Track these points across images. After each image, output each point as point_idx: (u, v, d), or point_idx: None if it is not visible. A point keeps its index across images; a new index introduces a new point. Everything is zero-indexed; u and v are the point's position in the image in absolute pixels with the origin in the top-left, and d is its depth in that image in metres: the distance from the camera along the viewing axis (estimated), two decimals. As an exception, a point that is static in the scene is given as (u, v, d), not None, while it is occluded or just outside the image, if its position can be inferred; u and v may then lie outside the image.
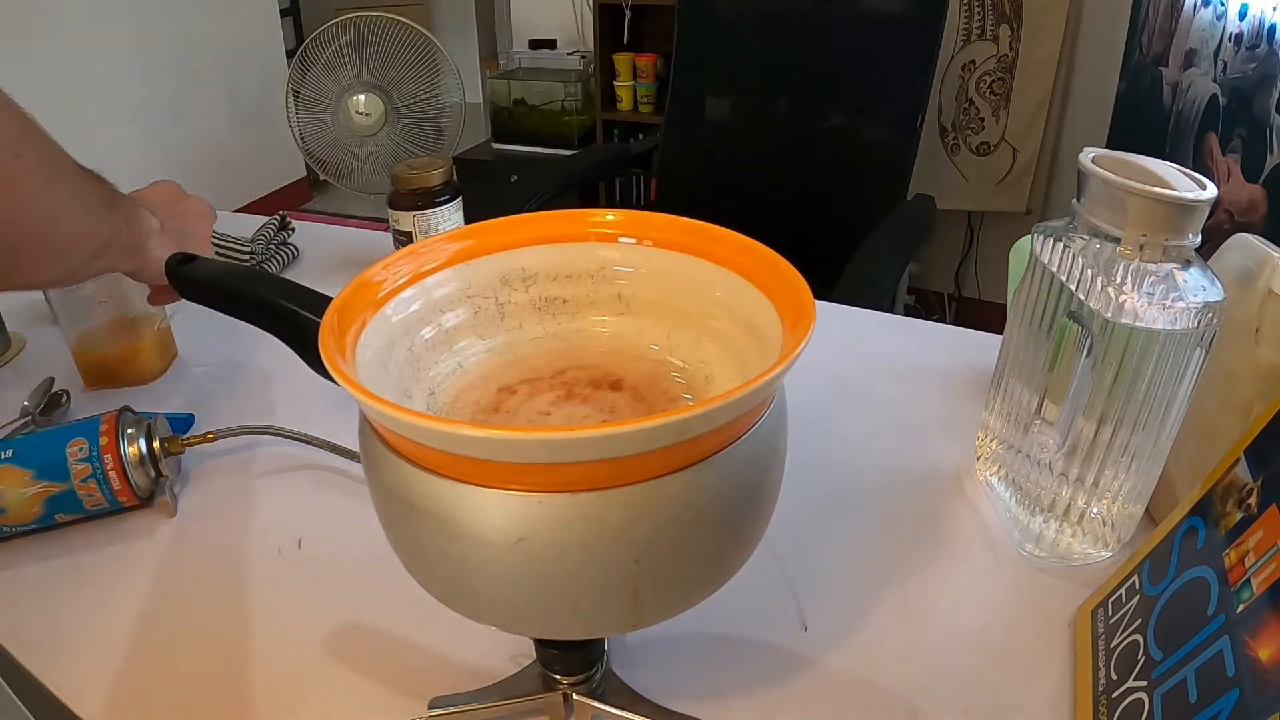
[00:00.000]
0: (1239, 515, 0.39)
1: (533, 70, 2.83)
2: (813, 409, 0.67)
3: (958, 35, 2.03)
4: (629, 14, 2.47)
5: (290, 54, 2.60)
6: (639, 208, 1.45)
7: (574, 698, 0.43)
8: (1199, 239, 0.45)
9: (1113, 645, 0.44)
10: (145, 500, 0.59)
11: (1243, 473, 0.40)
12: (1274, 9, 1.13)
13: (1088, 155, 0.47)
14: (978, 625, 0.50)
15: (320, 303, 0.40)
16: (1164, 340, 0.45)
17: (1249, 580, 0.36)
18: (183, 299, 0.66)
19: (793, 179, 1.56)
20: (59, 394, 0.70)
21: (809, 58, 1.53)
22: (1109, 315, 0.45)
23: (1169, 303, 0.44)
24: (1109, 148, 0.52)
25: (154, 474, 0.58)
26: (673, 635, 0.49)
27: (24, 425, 0.66)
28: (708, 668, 0.47)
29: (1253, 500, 0.38)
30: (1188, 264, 0.45)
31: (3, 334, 0.79)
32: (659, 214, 0.44)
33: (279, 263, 0.96)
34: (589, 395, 0.41)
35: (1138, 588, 0.44)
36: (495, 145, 2.85)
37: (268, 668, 0.48)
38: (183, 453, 0.61)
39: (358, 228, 1.09)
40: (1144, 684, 0.39)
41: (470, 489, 0.31)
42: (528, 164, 2.72)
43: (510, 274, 0.45)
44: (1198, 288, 0.44)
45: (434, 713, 0.44)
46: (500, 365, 0.44)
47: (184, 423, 0.67)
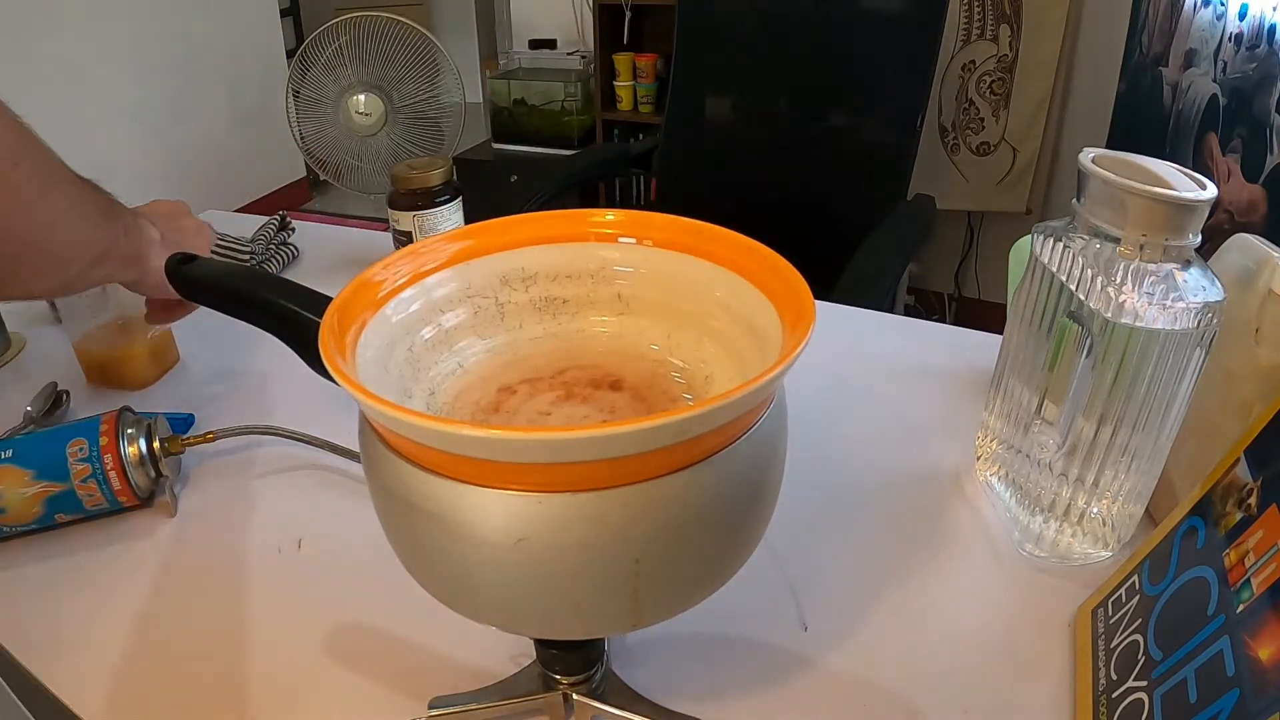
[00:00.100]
0: (1239, 515, 0.39)
1: (533, 70, 2.83)
2: (813, 409, 0.67)
3: (958, 35, 2.03)
4: (629, 14, 2.47)
5: (290, 54, 2.60)
6: (639, 208, 1.45)
7: (574, 698, 0.43)
8: (1199, 239, 0.45)
9: (1113, 645, 0.44)
10: (145, 500, 0.59)
11: (1243, 473, 0.40)
12: (1274, 9, 1.13)
13: (1088, 155, 0.47)
14: (978, 625, 0.50)
15: (320, 303, 0.40)
16: (1164, 340, 0.45)
17: (1249, 580, 0.36)
18: (179, 320, 0.66)
19: (793, 179, 1.56)
20: (59, 394, 0.70)
21: (809, 58, 1.53)
22: (1109, 315, 0.45)
23: (1169, 303, 0.44)
24: (1109, 148, 0.52)
25: (154, 474, 0.58)
26: (673, 635, 0.49)
27: (24, 427, 0.66)
28: (708, 668, 0.47)
29: (1253, 500, 0.38)
30: (1188, 264, 0.45)
31: (3, 334, 0.79)
32: (659, 214, 0.44)
33: (279, 263, 0.96)
34: (589, 395, 0.41)
35: (1138, 588, 0.44)
36: (495, 145, 2.85)
37: (268, 668, 0.48)
38: (183, 453, 0.61)
39: (358, 228, 1.09)
40: (1144, 684, 0.39)
41: (470, 489, 0.31)
42: (528, 164, 2.72)
43: (510, 274, 0.45)
44: (1198, 288, 0.44)
45: (434, 713, 0.44)
46: (500, 365, 0.44)
47: (184, 423, 0.67)
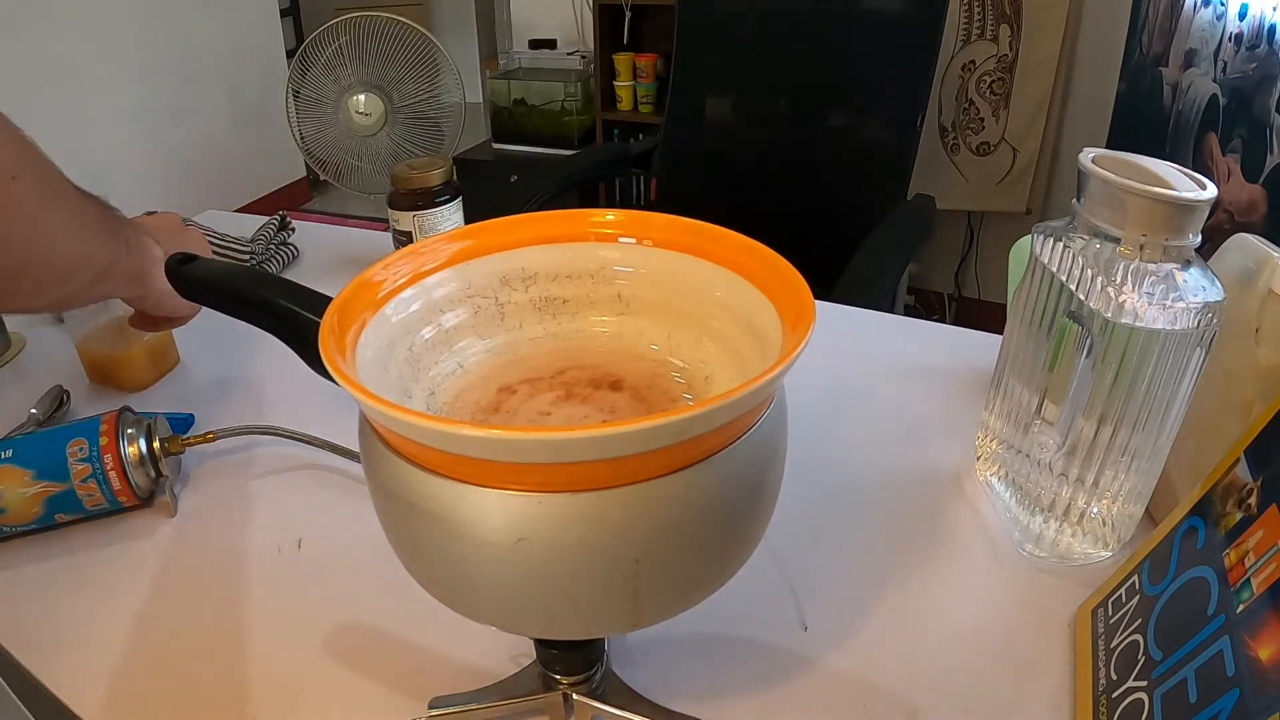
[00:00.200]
0: (1239, 515, 0.39)
1: (533, 70, 2.83)
2: (813, 409, 0.67)
3: (958, 35, 2.03)
4: (629, 14, 2.47)
5: (290, 54, 2.60)
6: (639, 208, 1.45)
7: (574, 698, 0.43)
8: (1199, 239, 0.45)
9: (1113, 645, 0.44)
10: (145, 500, 0.59)
11: (1243, 473, 0.40)
12: (1274, 9, 1.13)
13: (1088, 155, 0.47)
14: (978, 625, 0.50)
15: (320, 303, 0.40)
16: (1164, 340, 0.45)
17: (1249, 580, 0.36)
18: (163, 330, 0.66)
19: (793, 179, 1.56)
20: (59, 394, 0.70)
21: (809, 58, 1.53)
22: (1109, 315, 0.45)
23: (1169, 303, 0.44)
24: (1109, 148, 0.52)
25: (154, 474, 0.58)
26: (673, 635, 0.49)
27: (29, 429, 0.66)
28: (708, 668, 0.47)
29: (1253, 500, 0.38)
30: (1188, 264, 0.45)
31: (3, 334, 0.79)
32: (659, 214, 0.44)
33: (279, 263, 0.96)
34: (589, 395, 0.41)
35: (1138, 588, 0.44)
36: (495, 145, 2.85)
37: (268, 668, 0.48)
38: (183, 453, 0.61)
39: (358, 228, 1.09)
40: (1144, 684, 0.39)
41: (470, 489, 0.31)
42: (528, 164, 2.72)
43: (510, 274, 0.45)
44: (1198, 288, 0.44)
45: (434, 713, 0.44)
46: (500, 365, 0.44)
47: (184, 423, 0.67)
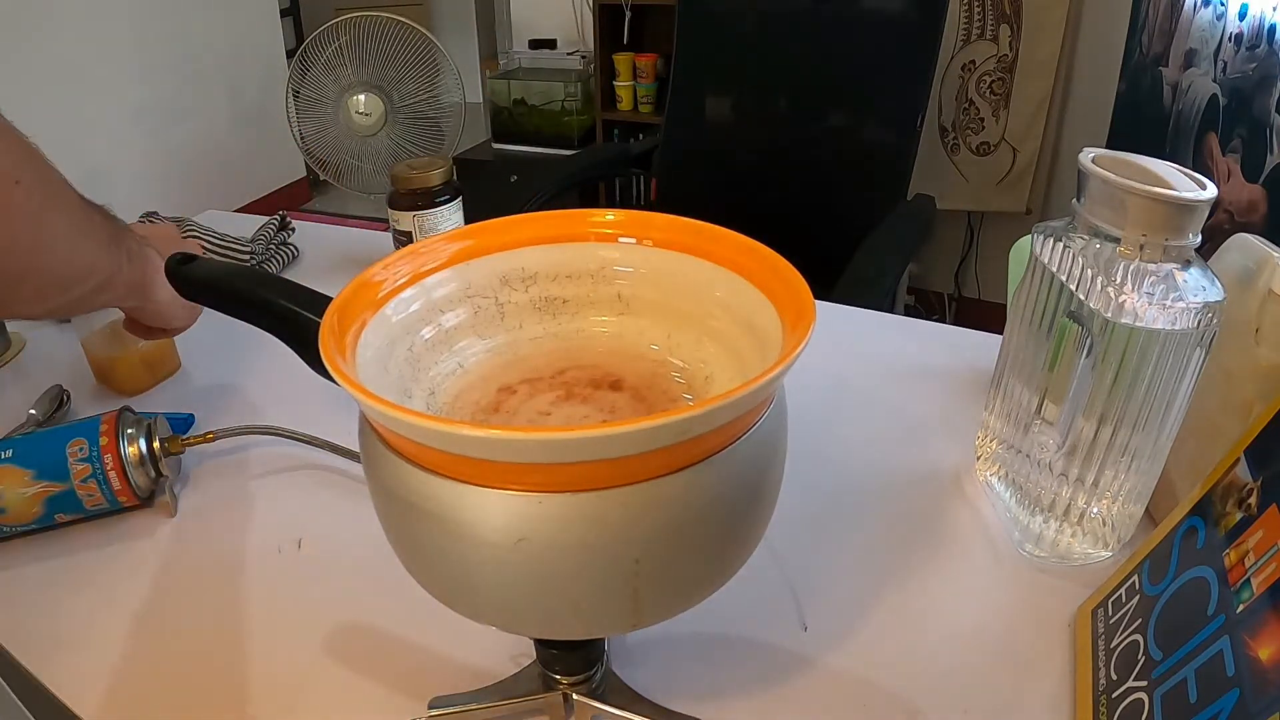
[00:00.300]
0: (1239, 515, 0.39)
1: (533, 70, 2.83)
2: (813, 409, 0.67)
3: (958, 35, 2.03)
4: (629, 14, 2.47)
5: (290, 54, 2.60)
6: (639, 208, 1.45)
7: (574, 698, 0.43)
8: (1199, 239, 0.45)
9: (1113, 645, 0.44)
10: (145, 500, 0.59)
11: (1243, 473, 0.40)
12: (1274, 9, 1.13)
13: (1088, 155, 0.47)
14: (978, 625, 0.50)
15: (320, 303, 0.40)
16: (1164, 340, 0.45)
17: (1249, 580, 0.36)
18: (157, 340, 0.66)
19: (793, 179, 1.56)
20: (60, 394, 0.70)
21: (809, 58, 1.53)
22: (1109, 315, 0.45)
23: (1169, 303, 0.44)
24: (1109, 148, 0.52)
25: (154, 474, 0.58)
26: (673, 635, 0.49)
27: (28, 429, 0.66)
28: (708, 668, 0.47)
29: (1253, 500, 0.38)
30: (1188, 264, 0.45)
31: (3, 334, 0.79)
32: (659, 214, 0.44)
33: (279, 263, 0.96)
34: (589, 395, 0.41)
35: (1138, 588, 0.44)
36: (495, 145, 2.85)
37: (268, 668, 0.48)
38: (183, 453, 0.61)
39: (358, 228, 1.09)
40: (1144, 684, 0.39)
41: (470, 489, 0.31)
42: (528, 164, 2.72)
43: (510, 274, 0.45)
44: (1198, 288, 0.44)
45: (434, 713, 0.44)
46: (500, 365, 0.44)
47: (184, 423, 0.67)
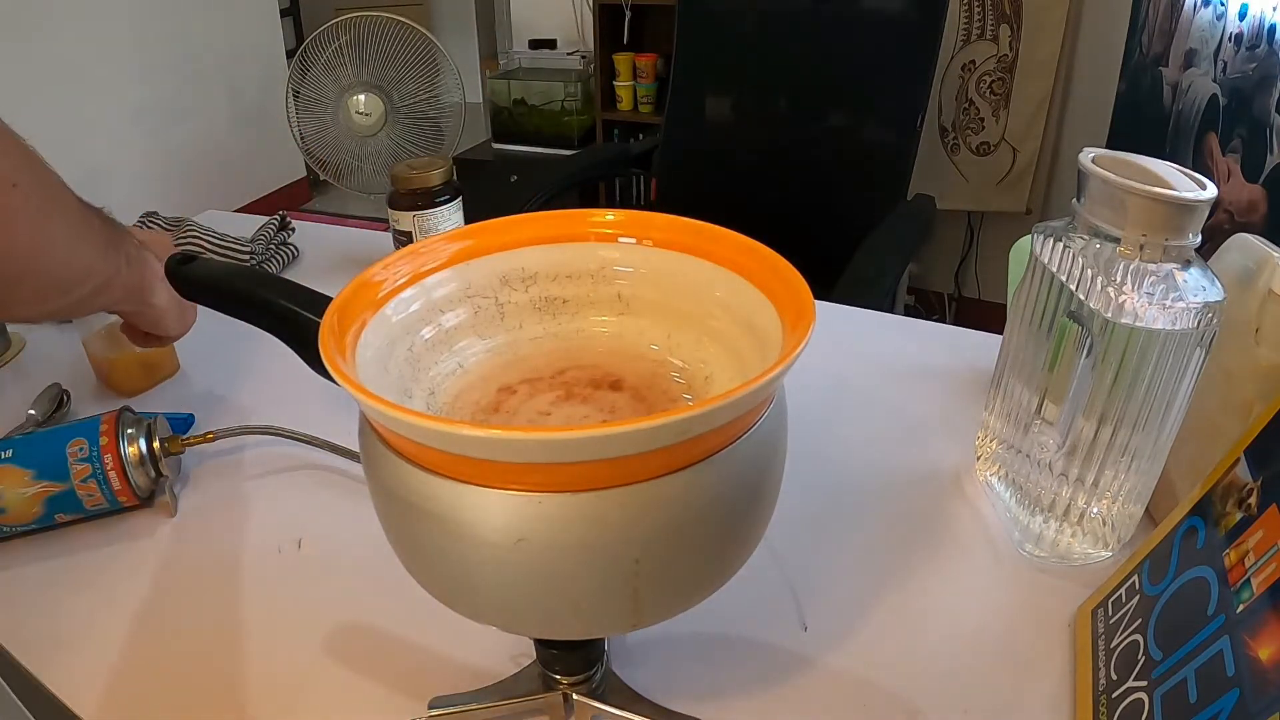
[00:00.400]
0: (1239, 515, 0.39)
1: (533, 70, 2.83)
2: (813, 409, 0.67)
3: (958, 35, 2.03)
4: (629, 14, 2.47)
5: (290, 54, 2.60)
6: (639, 208, 1.45)
7: (574, 698, 0.43)
8: (1199, 239, 0.45)
9: (1113, 645, 0.44)
10: (145, 500, 0.59)
11: (1243, 473, 0.40)
12: (1274, 9, 1.13)
13: (1088, 155, 0.47)
14: (978, 625, 0.50)
15: (320, 303, 0.40)
16: (1164, 340, 0.45)
17: (1249, 580, 0.36)
18: (151, 347, 0.66)
19: (793, 179, 1.56)
20: (59, 393, 0.70)
21: (809, 58, 1.53)
22: (1109, 315, 0.45)
23: (1169, 303, 0.44)
24: (1109, 148, 0.52)
25: (154, 474, 0.58)
26: (673, 635, 0.49)
27: (28, 429, 0.66)
28: (708, 668, 0.47)
29: (1253, 500, 0.38)
30: (1188, 264, 0.45)
31: (3, 334, 0.79)
32: (659, 214, 0.44)
33: (279, 263, 0.96)
34: (589, 395, 0.41)
35: (1138, 588, 0.44)
36: (495, 145, 2.85)
37: (268, 668, 0.48)
38: (183, 453, 0.61)
39: (358, 228, 1.09)
40: (1144, 684, 0.39)
41: (470, 489, 0.31)
42: (528, 164, 2.72)
43: (510, 274, 0.45)
44: (1198, 288, 0.44)
45: (434, 713, 0.44)
46: (500, 365, 0.44)
47: (184, 423, 0.67)
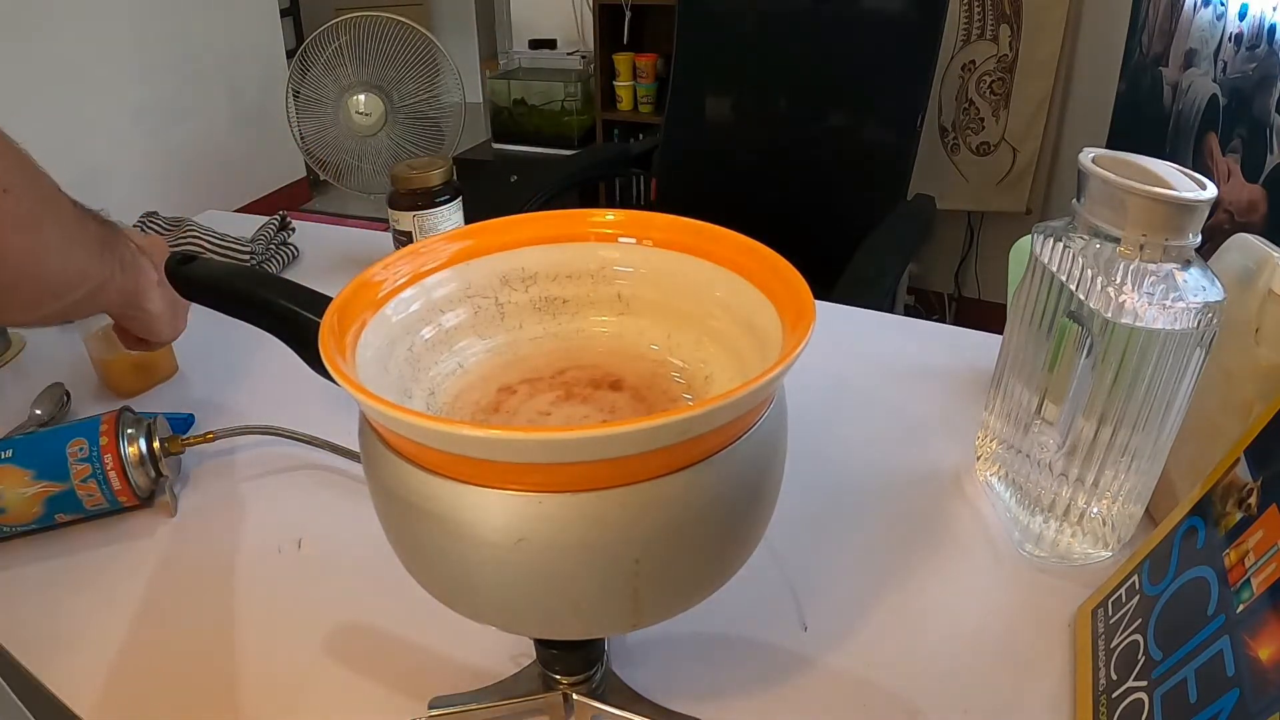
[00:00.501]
0: (1239, 515, 0.39)
1: (533, 70, 2.83)
2: (813, 409, 0.67)
3: (958, 35, 2.03)
4: (629, 14, 2.47)
5: (290, 54, 2.60)
6: (639, 208, 1.45)
7: (574, 698, 0.43)
8: (1199, 239, 0.45)
9: (1113, 645, 0.44)
10: (145, 500, 0.59)
11: (1243, 473, 0.40)
12: (1274, 9, 1.13)
13: (1088, 155, 0.47)
14: (978, 625, 0.50)
15: (320, 303, 0.40)
16: (1164, 340, 0.45)
17: (1249, 580, 0.36)
18: (140, 351, 0.66)
19: (793, 179, 1.56)
20: (62, 393, 0.70)
21: (809, 58, 1.53)
22: (1109, 315, 0.45)
23: (1169, 303, 0.44)
24: (1109, 148, 0.52)
25: (154, 474, 0.58)
26: (673, 635, 0.49)
27: (30, 428, 0.66)
28: (708, 668, 0.47)
29: (1253, 500, 0.38)
30: (1188, 264, 0.45)
31: (3, 334, 0.79)
32: (659, 214, 0.44)
33: (279, 263, 0.96)
34: (589, 395, 0.41)
35: (1138, 588, 0.44)
36: (495, 145, 2.85)
37: (268, 668, 0.48)
38: (183, 453, 0.61)
39: (358, 228, 1.09)
40: (1144, 684, 0.39)
41: (470, 489, 0.31)
42: (528, 164, 2.72)
43: (510, 274, 0.45)
44: (1198, 288, 0.44)
45: (434, 713, 0.44)
46: (500, 365, 0.44)
47: (184, 423, 0.67)
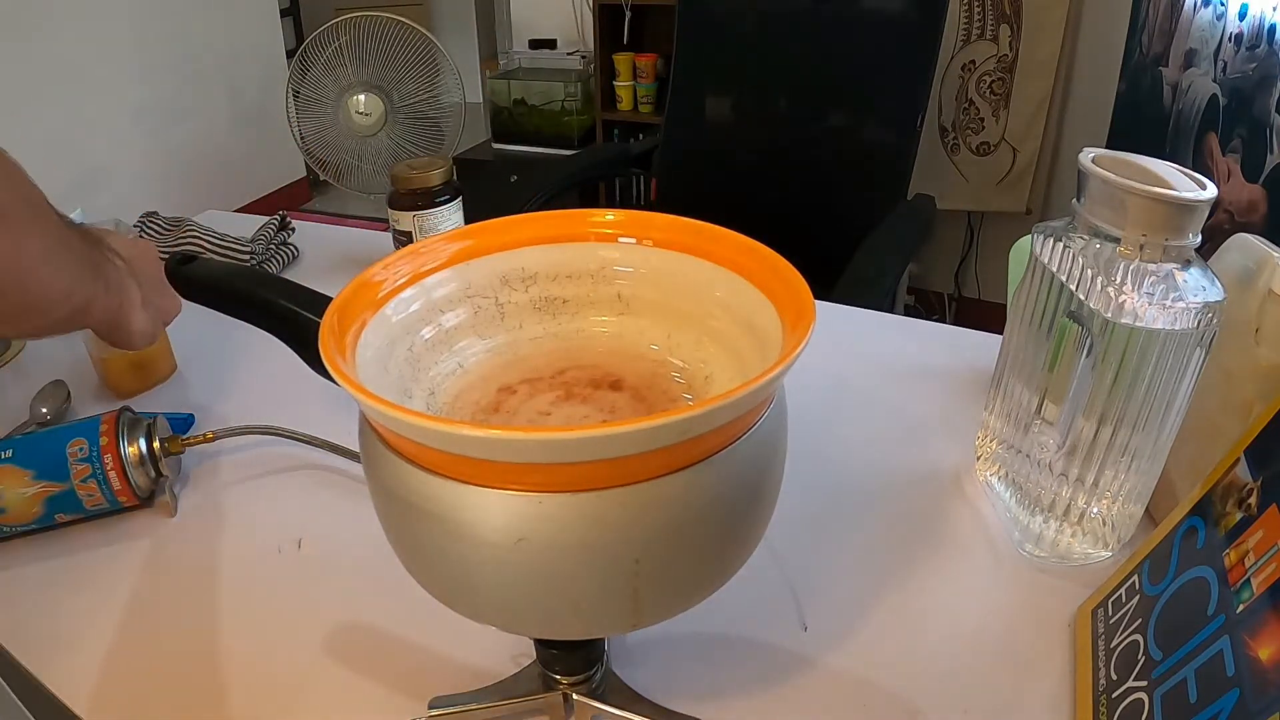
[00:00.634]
0: (1239, 515, 0.39)
1: (533, 70, 2.83)
2: (813, 409, 0.67)
3: (958, 35, 2.03)
4: (629, 14, 2.47)
5: (290, 54, 2.60)
6: (639, 208, 1.45)
7: (574, 698, 0.43)
8: (1199, 239, 0.45)
9: (1113, 645, 0.44)
10: (145, 500, 0.59)
11: (1243, 473, 0.40)
12: (1274, 9, 1.13)
13: (1088, 155, 0.47)
14: (978, 625, 0.50)
15: (320, 303, 0.40)
16: (1164, 340, 0.45)
17: (1249, 580, 0.36)
18: (125, 350, 0.65)
19: (793, 179, 1.56)
20: (65, 392, 0.70)
21: (809, 58, 1.53)
22: (1109, 315, 0.45)
23: (1169, 303, 0.44)
24: (1109, 148, 0.52)
25: (154, 474, 0.58)
26: (673, 635, 0.49)
27: (32, 427, 0.66)
28: (708, 668, 0.47)
29: (1253, 500, 0.38)
30: (1188, 264, 0.45)
31: (3, 334, 0.79)
32: (659, 214, 0.44)
33: (279, 263, 0.96)
34: (589, 395, 0.41)
35: (1138, 588, 0.44)
36: (495, 145, 2.85)
37: (267, 667, 0.48)
38: (183, 453, 0.61)
39: (358, 228, 1.09)
40: (1144, 684, 0.39)
41: (470, 489, 0.31)
42: (528, 164, 2.72)
43: (510, 274, 0.45)
44: (1198, 288, 0.44)
45: (434, 713, 0.44)
46: (500, 365, 0.44)
47: (184, 423, 0.67)
